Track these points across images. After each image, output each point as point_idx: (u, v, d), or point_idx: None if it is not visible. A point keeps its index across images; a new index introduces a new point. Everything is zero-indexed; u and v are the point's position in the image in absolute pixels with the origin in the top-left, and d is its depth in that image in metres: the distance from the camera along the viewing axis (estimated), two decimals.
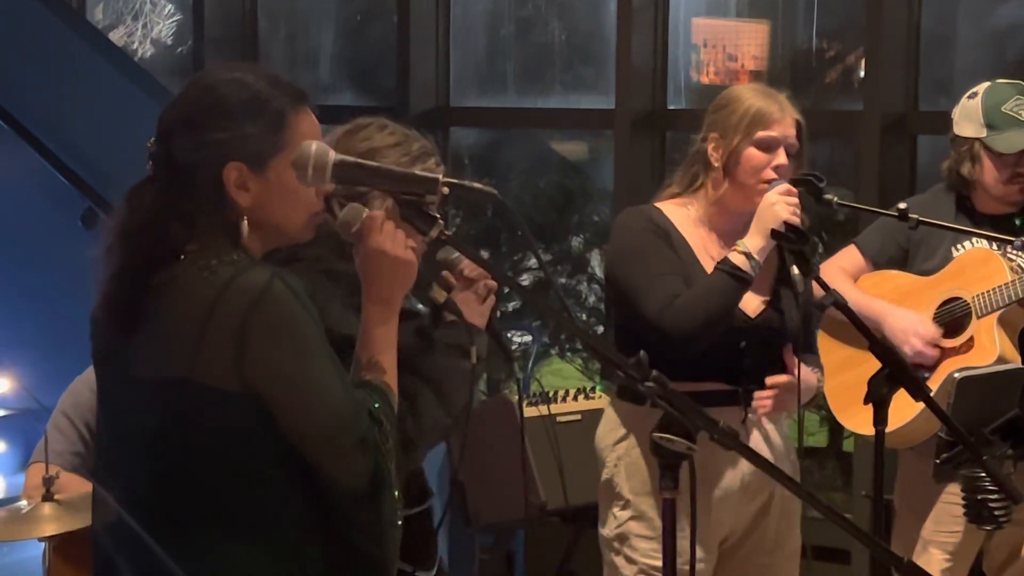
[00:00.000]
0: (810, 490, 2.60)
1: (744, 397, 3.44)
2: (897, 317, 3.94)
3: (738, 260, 3.37)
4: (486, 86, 6.78)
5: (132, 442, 2.31)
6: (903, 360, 2.97)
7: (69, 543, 3.44)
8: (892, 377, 2.93)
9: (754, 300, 3.48)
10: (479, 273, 2.76)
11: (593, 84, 6.57)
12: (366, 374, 2.36)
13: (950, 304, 3.95)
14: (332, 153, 2.33)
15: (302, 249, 2.51)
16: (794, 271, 3.30)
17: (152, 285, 2.26)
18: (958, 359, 3.88)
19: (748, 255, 3.36)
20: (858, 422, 3.94)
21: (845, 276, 4.05)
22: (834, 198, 3.58)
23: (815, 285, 3.32)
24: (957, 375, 3.36)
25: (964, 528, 3.83)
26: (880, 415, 2.99)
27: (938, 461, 3.26)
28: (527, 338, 6.16)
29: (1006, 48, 5.80)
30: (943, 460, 3.25)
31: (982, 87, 4.01)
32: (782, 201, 3.36)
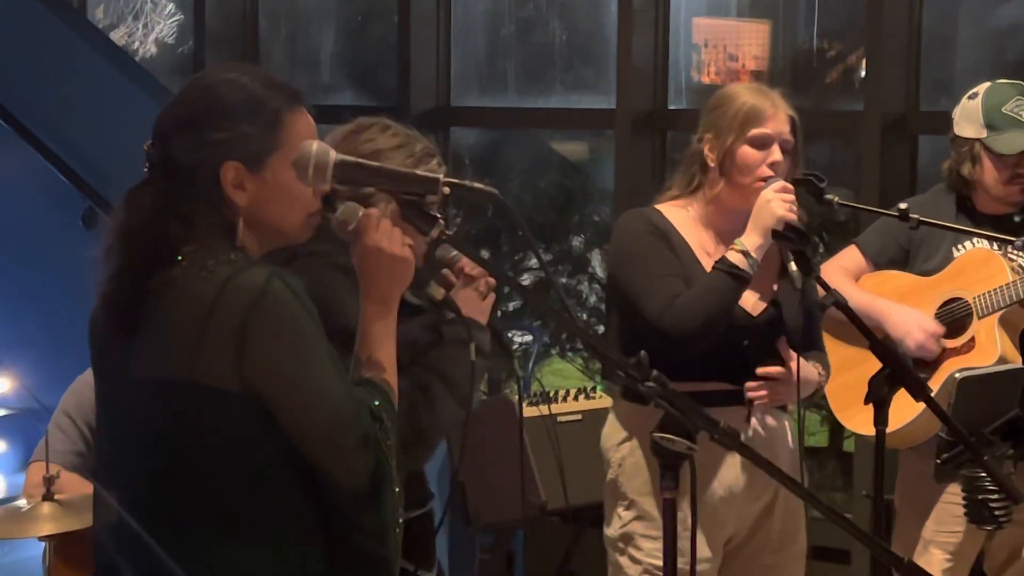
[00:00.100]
0: (810, 490, 2.60)
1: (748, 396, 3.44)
2: (899, 313, 3.94)
3: (736, 259, 3.37)
4: (487, 86, 6.78)
5: (132, 443, 2.31)
6: (904, 360, 2.97)
7: (69, 543, 3.44)
8: (893, 377, 2.93)
9: (757, 299, 3.47)
10: (480, 270, 2.76)
11: (594, 84, 6.56)
12: (366, 372, 2.36)
13: (951, 304, 3.95)
14: (333, 153, 2.34)
15: (312, 244, 2.52)
16: (791, 267, 3.29)
17: (151, 286, 2.26)
18: (959, 359, 3.88)
19: (746, 253, 3.36)
20: (859, 422, 3.94)
21: (846, 275, 4.05)
22: (835, 198, 3.58)
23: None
24: (958, 375, 3.37)
25: (965, 528, 3.83)
26: (881, 415, 3.00)
27: (939, 461, 3.26)
28: (528, 338, 6.14)
29: (1007, 48, 5.79)
30: (944, 460, 3.25)
31: (982, 87, 4.01)
32: (778, 198, 3.35)
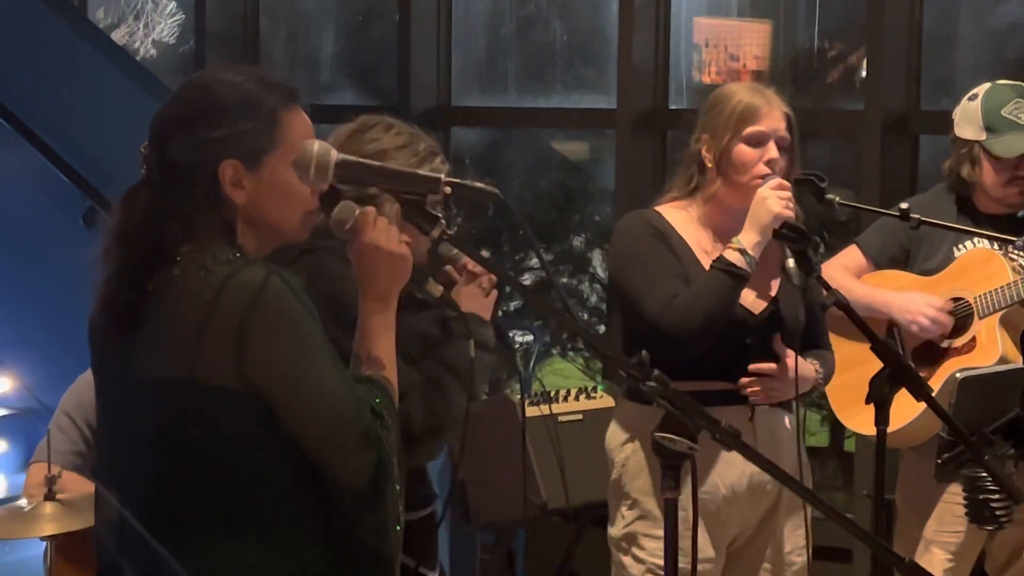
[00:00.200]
0: (811, 490, 2.60)
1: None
2: (902, 298, 3.95)
3: (733, 257, 3.37)
4: (487, 85, 6.78)
5: (133, 443, 2.31)
6: (905, 360, 2.97)
7: (70, 543, 3.44)
8: (893, 377, 2.93)
9: (756, 297, 3.47)
10: (481, 268, 2.77)
11: (594, 84, 6.56)
12: (366, 369, 2.36)
13: (952, 304, 3.94)
14: (334, 152, 2.34)
15: (323, 239, 2.52)
16: (789, 263, 3.29)
17: (150, 286, 2.26)
18: (960, 359, 3.88)
19: (743, 251, 3.36)
20: (859, 422, 3.94)
21: (847, 272, 4.05)
22: (836, 198, 3.58)
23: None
24: (959, 375, 3.36)
25: (966, 528, 3.82)
26: (882, 415, 2.99)
27: (940, 461, 3.26)
28: (529, 337, 6.13)
29: (1007, 48, 5.80)
30: (945, 460, 3.25)
31: (982, 89, 4.00)
32: (774, 195, 3.35)
